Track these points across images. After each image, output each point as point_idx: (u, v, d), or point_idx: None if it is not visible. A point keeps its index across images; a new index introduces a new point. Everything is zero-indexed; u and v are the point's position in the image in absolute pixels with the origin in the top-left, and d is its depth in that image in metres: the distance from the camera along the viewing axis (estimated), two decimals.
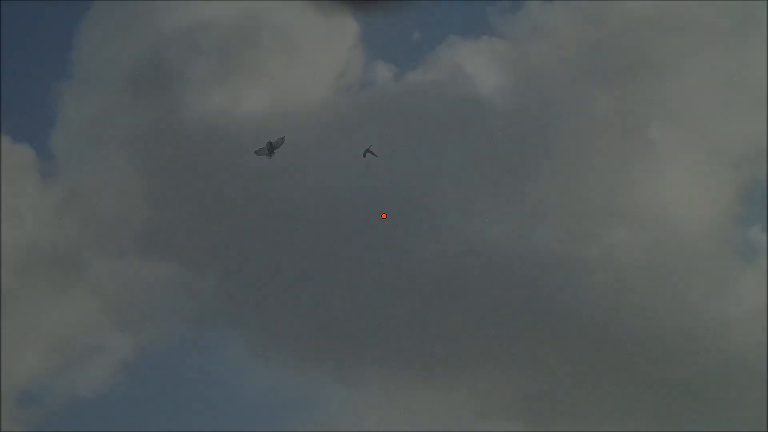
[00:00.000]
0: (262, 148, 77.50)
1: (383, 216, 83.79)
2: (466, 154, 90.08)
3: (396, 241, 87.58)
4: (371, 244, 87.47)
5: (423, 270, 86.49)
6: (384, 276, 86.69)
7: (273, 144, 77.34)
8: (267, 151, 77.41)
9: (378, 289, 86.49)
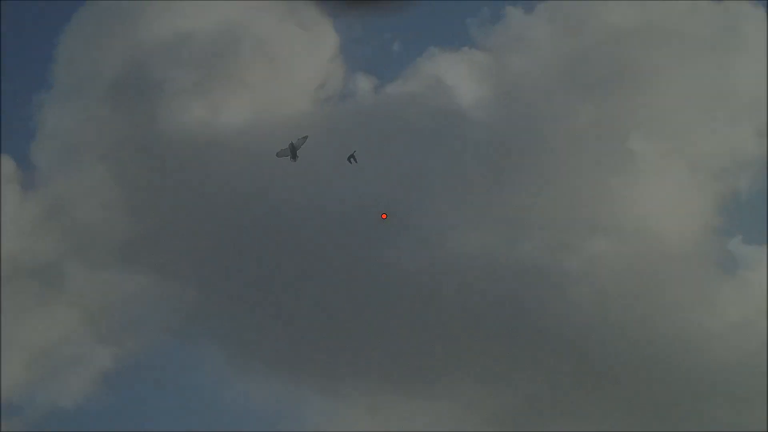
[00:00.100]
0: (284, 149, 76.17)
1: (383, 216, 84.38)
2: (446, 165, 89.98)
3: (376, 253, 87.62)
4: (352, 255, 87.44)
5: (403, 282, 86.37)
6: (365, 287, 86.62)
7: (294, 145, 76.16)
8: (290, 153, 76.18)
9: (359, 301, 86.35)
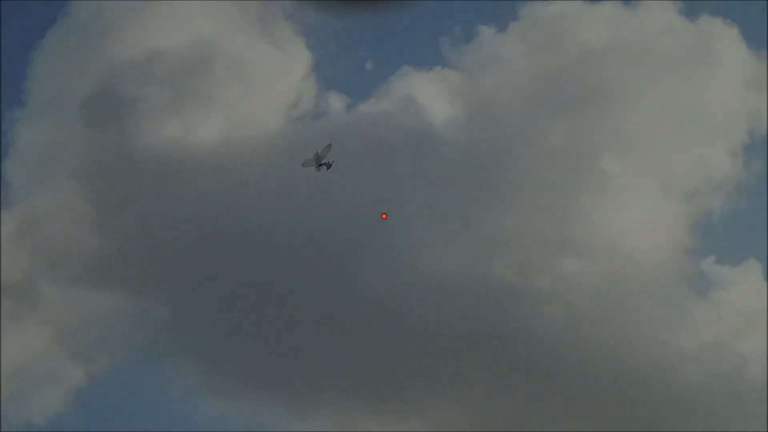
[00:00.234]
0: (309, 159, 75.19)
1: (383, 216, 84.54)
2: (418, 184, 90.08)
3: (348, 272, 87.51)
4: (323, 274, 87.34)
5: (375, 300, 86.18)
6: (336, 306, 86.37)
7: (319, 154, 75.03)
8: (315, 163, 75.11)
9: (331, 320, 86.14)
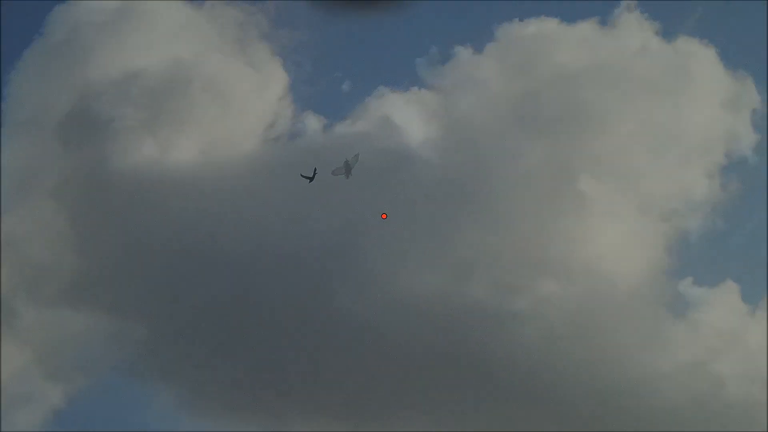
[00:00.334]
0: (339, 167, 77.20)
1: (383, 216, 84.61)
2: (394, 205, 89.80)
3: (325, 292, 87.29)
4: (300, 295, 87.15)
5: (352, 322, 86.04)
6: (313, 327, 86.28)
7: (349, 162, 77.16)
8: (344, 171, 77.19)
9: (307, 340, 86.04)
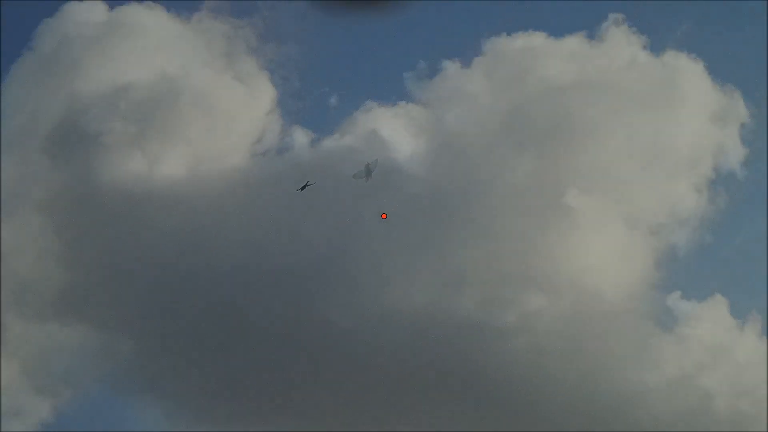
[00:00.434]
0: (360, 171, 78.49)
1: (383, 216, 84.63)
2: (383, 220, 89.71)
3: (313, 308, 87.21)
4: (289, 308, 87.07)
5: (340, 335, 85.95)
6: (302, 340, 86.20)
7: (369, 166, 78.65)
8: (365, 174, 78.32)
9: (295, 353, 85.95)
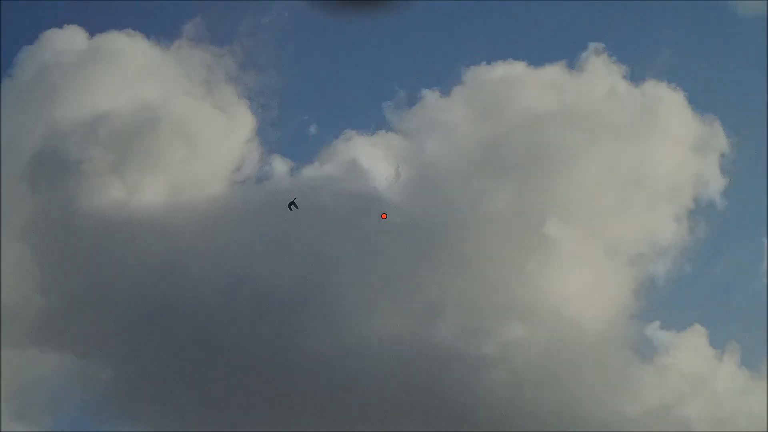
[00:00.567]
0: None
1: (383, 216, 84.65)
2: (361, 248, 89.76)
3: (292, 336, 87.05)
4: (268, 337, 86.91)
5: (318, 365, 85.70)
6: (281, 368, 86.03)
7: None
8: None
9: (274, 382, 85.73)
